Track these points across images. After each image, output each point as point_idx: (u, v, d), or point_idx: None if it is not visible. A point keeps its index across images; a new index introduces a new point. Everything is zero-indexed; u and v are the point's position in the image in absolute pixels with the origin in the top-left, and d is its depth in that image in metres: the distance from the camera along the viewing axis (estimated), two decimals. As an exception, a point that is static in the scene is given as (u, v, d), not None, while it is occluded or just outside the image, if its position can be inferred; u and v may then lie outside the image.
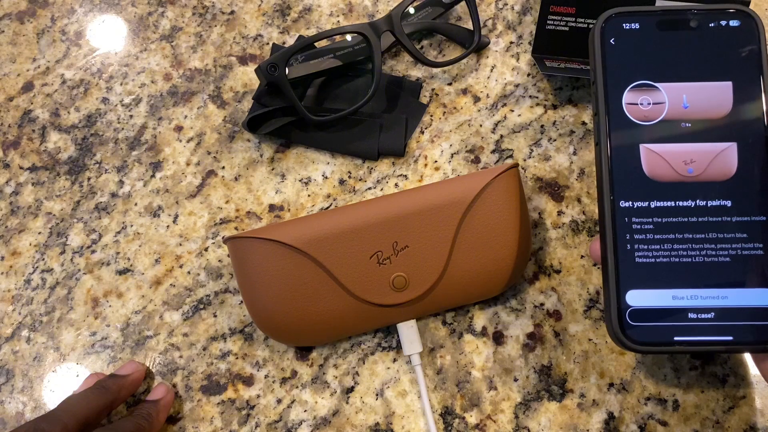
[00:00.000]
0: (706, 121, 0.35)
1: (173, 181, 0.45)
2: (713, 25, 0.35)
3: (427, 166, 0.45)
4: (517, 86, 0.47)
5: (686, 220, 0.34)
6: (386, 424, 0.40)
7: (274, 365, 0.42)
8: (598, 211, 0.36)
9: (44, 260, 0.44)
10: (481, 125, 0.46)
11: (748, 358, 0.40)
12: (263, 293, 0.38)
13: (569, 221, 0.43)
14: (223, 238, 0.42)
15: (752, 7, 0.47)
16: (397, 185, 0.45)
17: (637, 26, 0.36)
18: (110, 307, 0.43)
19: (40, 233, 0.45)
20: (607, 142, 0.35)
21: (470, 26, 0.48)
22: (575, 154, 0.45)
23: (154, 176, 0.46)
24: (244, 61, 0.48)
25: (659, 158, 0.35)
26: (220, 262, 0.44)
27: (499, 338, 0.41)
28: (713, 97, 0.35)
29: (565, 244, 0.43)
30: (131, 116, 0.47)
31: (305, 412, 0.41)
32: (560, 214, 0.44)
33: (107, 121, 0.47)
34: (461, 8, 0.49)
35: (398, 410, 0.40)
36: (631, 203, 0.34)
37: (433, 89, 0.47)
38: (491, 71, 0.47)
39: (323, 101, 0.47)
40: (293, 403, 0.41)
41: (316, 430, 0.40)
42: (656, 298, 0.33)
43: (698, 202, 0.34)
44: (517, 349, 0.41)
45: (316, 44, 0.46)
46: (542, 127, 0.45)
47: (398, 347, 0.41)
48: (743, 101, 0.35)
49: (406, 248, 0.38)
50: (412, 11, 0.47)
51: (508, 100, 0.46)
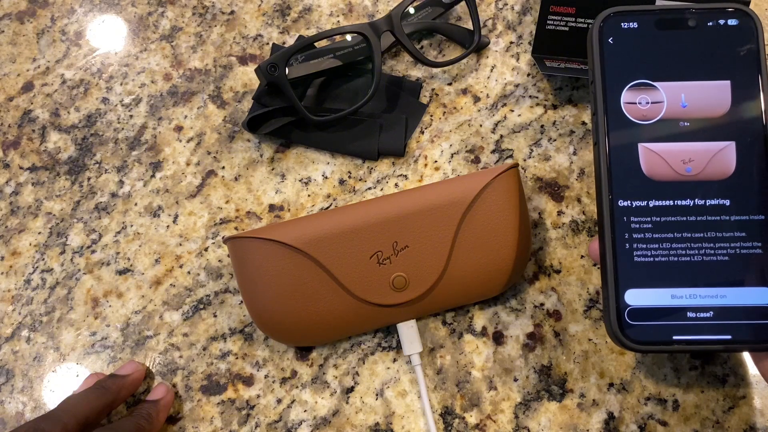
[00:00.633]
0: (704, 120, 0.35)
1: (173, 181, 0.45)
2: (711, 24, 0.35)
3: (427, 166, 0.45)
4: (517, 86, 0.47)
5: (685, 219, 0.34)
6: (386, 424, 0.40)
7: (274, 365, 0.42)
8: (596, 210, 0.36)
9: (44, 260, 0.44)
10: (481, 125, 0.46)
11: (747, 357, 0.40)
12: (263, 293, 0.38)
13: (569, 221, 0.43)
14: (223, 238, 0.42)
15: (752, 7, 0.47)
16: (397, 185, 0.45)
17: (635, 25, 0.36)
18: (110, 307, 0.43)
19: (40, 233, 0.45)
20: (605, 141, 0.34)
21: (470, 26, 0.48)
22: (575, 154, 0.45)
23: (154, 176, 0.46)
24: (244, 61, 0.48)
25: (658, 157, 0.35)
26: (220, 262, 0.44)
27: (499, 338, 0.41)
28: (712, 96, 0.35)
29: (565, 244, 0.43)
30: (131, 116, 0.47)
31: (305, 412, 0.41)
32: (560, 214, 0.44)
33: (107, 121, 0.47)
34: (461, 8, 0.49)
35: (398, 410, 0.40)
36: (629, 202, 0.34)
37: (433, 89, 0.47)
38: (491, 71, 0.47)
39: (323, 101, 0.47)
40: (293, 403, 0.41)
41: (316, 430, 0.40)
42: (655, 297, 0.33)
43: (697, 201, 0.34)
44: (517, 349, 0.41)
45: (316, 44, 0.46)
46: (542, 127, 0.46)
47: (398, 347, 0.41)
48: (742, 100, 0.34)
49: (406, 248, 0.38)
50: (412, 11, 0.47)
51: (508, 100, 0.46)
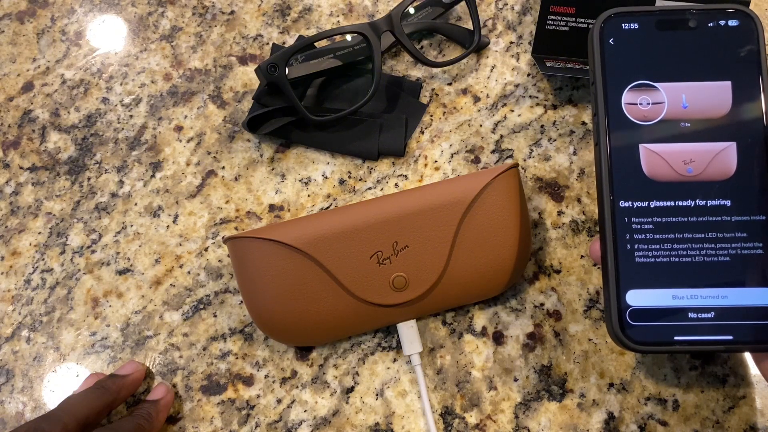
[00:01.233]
0: (705, 120, 0.34)
1: (173, 181, 0.45)
2: (712, 24, 0.35)
3: (427, 166, 0.45)
4: (517, 86, 0.47)
5: (686, 219, 0.34)
6: (386, 424, 0.40)
7: (274, 365, 0.42)
8: (597, 211, 0.36)
9: (44, 260, 0.44)
10: (481, 125, 0.46)
11: (748, 357, 0.40)
12: (263, 293, 0.38)
13: (569, 221, 0.43)
14: (223, 238, 0.42)
15: (752, 7, 0.47)
16: (397, 185, 0.45)
17: (636, 26, 0.36)
18: (110, 307, 0.43)
19: (40, 233, 0.45)
20: (606, 142, 0.34)
21: (470, 26, 0.48)
22: (575, 154, 0.45)
23: (154, 176, 0.46)
24: (244, 61, 0.48)
25: (659, 158, 0.35)
26: (220, 262, 0.44)
27: (499, 338, 0.41)
28: (712, 96, 0.35)
29: (565, 244, 0.43)
30: (131, 116, 0.47)
31: (305, 412, 0.41)
32: (560, 214, 0.44)
33: (107, 121, 0.47)
34: (461, 8, 0.49)
35: (398, 410, 0.40)
36: (630, 203, 0.34)
37: (433, 89, 0.47)
38: (491, 71, 0.47)
39: (323, 101, 0.47)
40: (293, 403, 0.41)
41: (316, 430, 0.40)
42: (656, 297, 0.33)
43: (698, 201, 0.34)
44: (517, 349, 0.41)
45: (316, 44, 0.46)
46: (542, 127, 0.46)
47: (398, 347, 0.41)
48: (742, 101, 0.34)
49: (406, 248, 0.38)
50: (412, 11, 0.47)
51: (508, 100, 0.46)
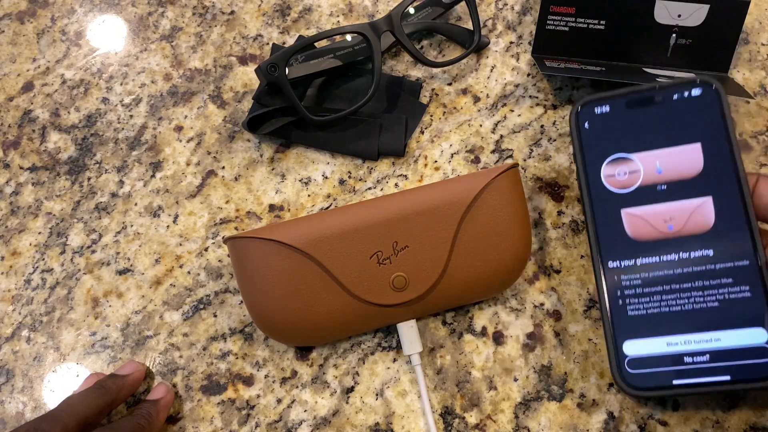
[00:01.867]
0: (680, 181, 0.37)
1: (173, 181, 0.45)
2: (677, 97, 0.37)
3: (427, 166, 0.45)
4: (517, 86, 0.47)
5: (672, 272, 0.36)
6: (386, 424, 0.40)
7: (274, 365, 0.42)
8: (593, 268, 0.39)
9: (44, 260, 0.44)
10: (481, 125, 0.46)
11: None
12: (263, 293, 0.38)
13: (569, 221, 0.43)
14: (223, 238, 0.42)
15: (752, 7, 0.47)
16: (397, 185, 0.45)
17: (607, 108, 0.39)
18: (110, 307, 0.43)
19: (40, 233, 0.45)
20: (591, 211, 0.37)
21: (470, 26, 0.48)
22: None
23: (154, 176, 0.46)
24: (244, 61, 0.48)
25: (640, 219, 0.37)
26: (220, 262, 0.44)
27: (499, 338, 0.41)
28: (684, 158, 0.37)
29: (565, 244, 0.43)
30: (131, 116, 0.47)
31: (305, 412, 0.41)
32: (560, 214, 0.44)
33: (107, 121, 0.47)
34: (461, 8, 0.49)
35: (398, 410, 0.40)
36: (618, 262, 0.36)
37: (433, 89, 0.47)
38: (491, 71, 0.47)
39: (323, 101, 0.47)
40: (293, 403, 0.41)
41: (316, 430, 0.40)
42: (651, 346, 0.35)
43: (681, 254, 0.36)
44: (517, 349, 0.41)
45: (316, 44, 0.46)
46: (542, 127, 0.46)
47: (398, 347, 0.41)
48: (713, 158, 0.36)
49: (406, 248, 0.38)
50: (412, 11, 0.47)
51: (508, 100, 0.46)
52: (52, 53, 0.49)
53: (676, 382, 0.34)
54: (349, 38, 0.46)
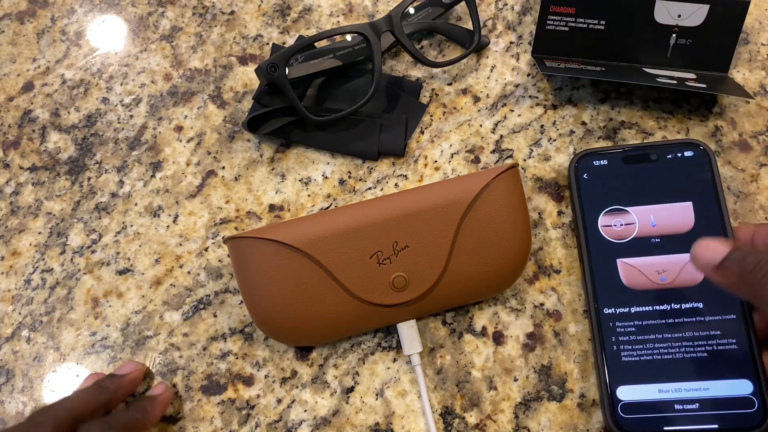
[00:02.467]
0: (672, 236, 0.39)
1: (173, 181, 0.45)
2: (671, 156, 0.41)
3: (427, 166, 0.45)
4: (517, 86, 0.47)
5: (664, 321, 0.38)
6: (386, 424, 0.40)
7: (274, 365, 0.42)
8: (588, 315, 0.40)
9: (44, 260, 0.44)
10: (481, 125, 0.46)
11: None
12: (263, 293, 0.38)
13: (569, 221, 0.43)
14: (223, 238, 0.42)
15: (752, 7, 0.47)
16: (397, 185, 0.45)
17: (605, 162, 0.41)
18: (110, 307, 0.43)
19: (40, 233, 0.45)
20: (588, 259, 0.40)
21: (470, 26, 0.48)
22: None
23: (154, 176, 0.46)
24: (244, 61, 0.48)
25: (635, 270, 0.39)
26: (220, 262, 0.44)
27: (499, 338, 0.41)
28: (677, 215, 0.39)
29: (565, 244, 0.43)
30: (131, 116, 0.47)
31: (305, 412, 0.41)
32: (560, 214, 0.44)
33: (107, 121, 0.47)
34: (461, 8, 0.49)
35: (398, 410, 0.40)
36: (613, 309, 0.39)
37: (433, 89, 0.47)
38: (491, 71, 0.47)
39: (323, 101, 0.47)
40: (293, 403, 0.41)
41: (316, 430, 0.40)
42: (644, 392, 0.37)
43: (673, 305, 0.38)
44: (517, 349, 0.41)
45: (316, 44, 0.46)
46: (542, 127, 0.45)
47: (398, 347, 0.41)
48: (704, 216, 0.40)
49: (406, 248, 0.38)
50: (412, 11, 0.47)
51: (508, 100, 0.46)
52: (52, 53, 0.49)
53: (666, 428, 0.36)
54: (349, 38, 0.46)
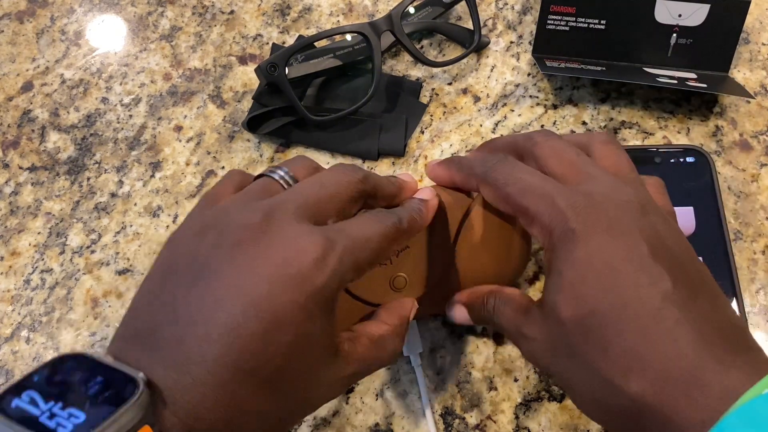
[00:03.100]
0: None
1: (173, 181, 0.45)
2: (673, 161, 0.42)
3: (427, 166, 0.45)
4: (517, 86, 0.47)
5: None
6: (386, 424, 0.40)
7: (273, 365, 0.41)
8: None
9: (44, 260, 0.44)
10: (481, 125, 0.46)
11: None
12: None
13: (569, 221, 0.43)
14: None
15: (753, 6, 0.47)
16: (397, 185, 0.45)
17: None
18: (110, 307, 0.43)
19: (39, 233, 0.45)
20: None
21: (470, 26, 0.48)
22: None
23: (153, 176, 0.46)
24: (243, 60, 0.48)
25: None
26: (219, 262, 0.44)
27: (499, 338, 0.41)
28: (678, 220, 0.39)
29: (565, 244, 0.43)
30: (131, 116, 0.47)
31: (305, 412, 0.40)
32: (560, 214, 0.43)
33: (107, 121, 0.47)
34: (461, 8, 0.49)
35: (398, 411, 0.40)
36: None
37: (433, 89, 0.47)
38: (491, 71, 0.47)
39: (323, 101, 0.47)
40: (293, 403, 0.41)
41: (315, 430, 0.40)
42: None
43: None
44: (517, 349, 0.41)
45: (315, 44, 0.46)
46: (542, 127, 0.45)
47: (398, 347, 0.41)
48: (704, 222, 0.41)
49: (406, 249, 0.38)
50: (412, 11, 0.47)
51: (508, 99, 0.46)
52: (51, 53, 0.49)
53: None
54: (349, 38, 0.46)
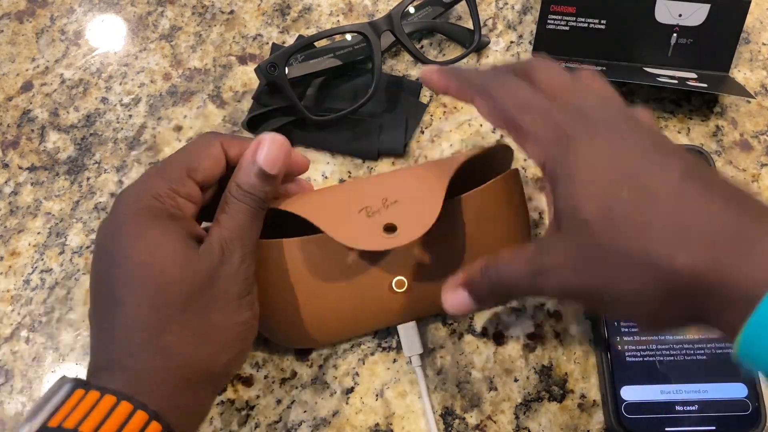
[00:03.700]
0: None
1: (173, 181, 0.45)
2: None
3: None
4: (517, 86, 0.46)
5: None
6: (386, 424, 0.40)
7: (274, 365, 0.41)
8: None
9: (43, 260, 0.44)
10: (481, 125, 0.46)
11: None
12: (261, 293, 0.38)
13: (570, 221, 0.43)
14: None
15: (753, 6, 0.47)
16: (397, 185, 0.45)
17: None
18: (109, 307, 0.43)
19: (39, 233, 0.45)
20: None
21: (470, 26, 0.48)
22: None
23: (153, 176, 0.46)
24: (243, 60, 0.48)
25: None
26: (219, 262, 0.43)
27: (499, 338, 0.41)
28: None
29: (565, 244, 0.43)
30: (130, 116, 0.47)
31: (305, 412, 0.40)
32: (561, 214, 0.43)
33: (106, 120, 0.47)
34: (461, 8, 0.49)
35: (398, 411, 0.40)
36: None
37: (433, 89, 0.47)
38: (491, 71, 0.47)
39: (323, 101, 0.47)
40: (293, 403, 0.41)
41: (315, 430, 0.40)
42: (647, 392, 0.38)
43: None
44: (517, 349, 0.41)
45: (315, 44, 0.46)
46: (543, 126, 0.45)
47: (398, 348, 0.41)
48: None
49: (395, 203, 0.36)
50: (412, 11, 0.47)
51: (508, 99, 0.46)
52: (51, 53, 0.49)
53: (668, 429, 0.37)
54: (348, 38, 0.46)
